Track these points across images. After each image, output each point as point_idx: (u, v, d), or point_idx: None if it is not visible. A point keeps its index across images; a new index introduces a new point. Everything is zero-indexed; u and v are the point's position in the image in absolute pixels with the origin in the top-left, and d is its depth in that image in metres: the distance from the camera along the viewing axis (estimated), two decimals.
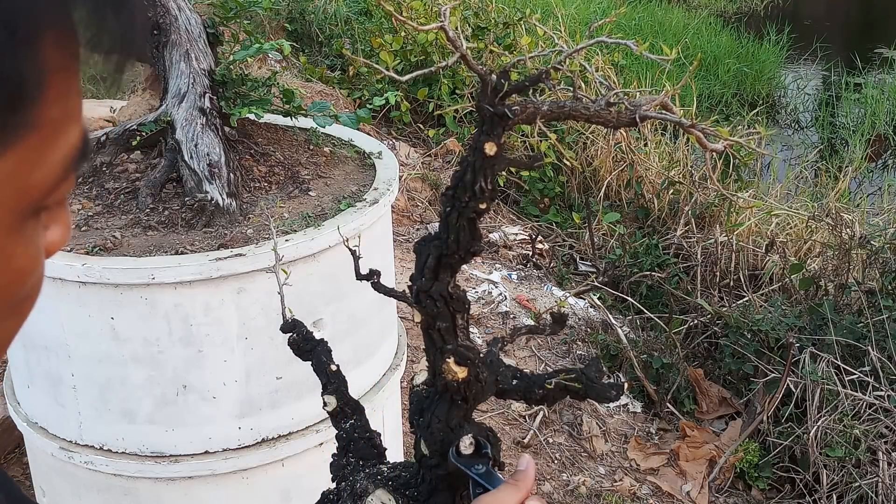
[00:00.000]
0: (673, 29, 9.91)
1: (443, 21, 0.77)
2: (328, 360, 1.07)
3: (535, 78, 0.76)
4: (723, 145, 0.82)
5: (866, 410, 3.24)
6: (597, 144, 5.78)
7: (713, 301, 4.38)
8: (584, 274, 4.95)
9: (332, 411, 1.05)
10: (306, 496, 1.83)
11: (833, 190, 5.64)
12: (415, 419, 0.89)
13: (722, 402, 3.84)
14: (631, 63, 7.11)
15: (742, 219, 4.93)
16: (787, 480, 3.39)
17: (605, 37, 1.12)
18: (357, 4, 7.76)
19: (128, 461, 1.93)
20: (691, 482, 3.36)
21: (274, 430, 1.97)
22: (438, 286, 0.82)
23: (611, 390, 0.87)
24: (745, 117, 7.30)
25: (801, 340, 3.55)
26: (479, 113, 0.76)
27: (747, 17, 12.32)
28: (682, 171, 5.37)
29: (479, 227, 0.80)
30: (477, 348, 0.85)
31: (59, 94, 0.38)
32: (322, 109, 2.25)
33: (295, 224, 1.96)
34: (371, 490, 0.93)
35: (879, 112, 8.12)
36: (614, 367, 3.89)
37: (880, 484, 3.06)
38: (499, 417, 3.54)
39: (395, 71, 5.64)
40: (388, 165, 2.29)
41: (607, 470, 3.40)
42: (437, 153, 5.84)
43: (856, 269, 4.06)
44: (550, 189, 5.68)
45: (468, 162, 0.76)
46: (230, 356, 1.87)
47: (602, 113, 0.79)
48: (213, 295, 1.82)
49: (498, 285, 4.35)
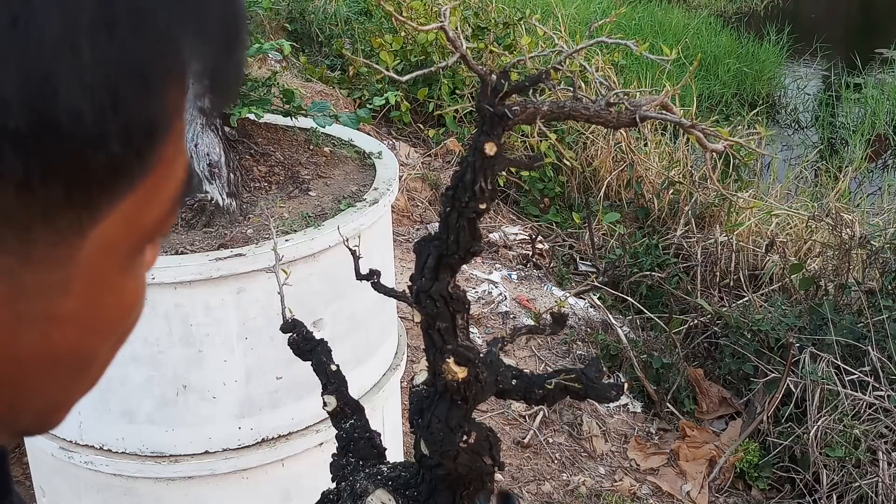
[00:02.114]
0: (673, 29, 9.91)
1: (443, 21, 0.77)
2: (328, 360, 1.07)
3: (535, 78, 0.76)
4: (723, 145, 0.82)
5: (866, 410, 3.24)
6: (597, 144, 5.78)
7: (713, 301, 4.38)
8: (584, 274, 4.95)
9: (332, 411, 1.05)
10: (306, 496, 1.83)
11: (833, 190, 5.64)
12: (415, 419, 0.89)
13: (722, 402, 3.84)
14: (631, 63, 7.11)
15: (742, 219, 4.93)
16: (787, 480, 3.39)
17: (605, 37, 1.12)
18: (357, 4, 7.76)
19: (128, 461, 1.93)
20: (691, 482, 3.37)
21: (274, 430, 1.97)
22: (438, 286, 0.82)
23: (611, 390, 0.87)
24: (745, 117, 7.30)
25: (801, 340, 3.55)
26: (479, 113, 0.76)
27: (747, 17, 12.32)
28: (682, 171, 5.37)
29: (479, 227, 0.80)
30: (477, 348, 0.85)
31: (176, 133, 0.39)
32: (322, 109, 2.25)
33: (295, 224, 1.96)
34: (371, 490, 0.93)
35: (879, 112, 8.12)
36: (614, 367, 3.89)
37: (880, 484, 3.06)
38: (499, 417, 3.54)
39: (395, 71, 5.63)
40: (388, 165, 2.29)
41: (607, 470, 3.40)
42: (437, 153, 5.84)
43: (856, 269, 4.06)
44: (550, 189, 5.68)
45: (468, 162, 0.76)
46: (230, 356, 1.87)
47: (602, 113, 0.79)
48: (213, 295, 1.82)
49: (498, 285, 4.36)
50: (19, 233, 0.35)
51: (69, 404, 0.45)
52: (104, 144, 0.34)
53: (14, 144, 0.32)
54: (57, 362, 0.41)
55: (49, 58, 0.32)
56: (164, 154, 0.38)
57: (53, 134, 0.33)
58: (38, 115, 0.32)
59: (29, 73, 0.32)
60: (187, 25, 0.36)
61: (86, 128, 0.34)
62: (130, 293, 0.43)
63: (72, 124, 0.33)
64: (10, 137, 0.32)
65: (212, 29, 0.38)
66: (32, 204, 0.34)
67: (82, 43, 0.33)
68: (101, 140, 0.34)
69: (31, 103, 0.32)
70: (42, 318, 0.38)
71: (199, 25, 0.37)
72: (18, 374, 0.39)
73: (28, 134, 0.32)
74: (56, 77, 0.32)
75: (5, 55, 0.32)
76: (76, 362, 0.43)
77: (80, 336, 0.41)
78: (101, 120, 0.34)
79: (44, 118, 0.33)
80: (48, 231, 0.36)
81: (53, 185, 0.34)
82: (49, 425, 0.45)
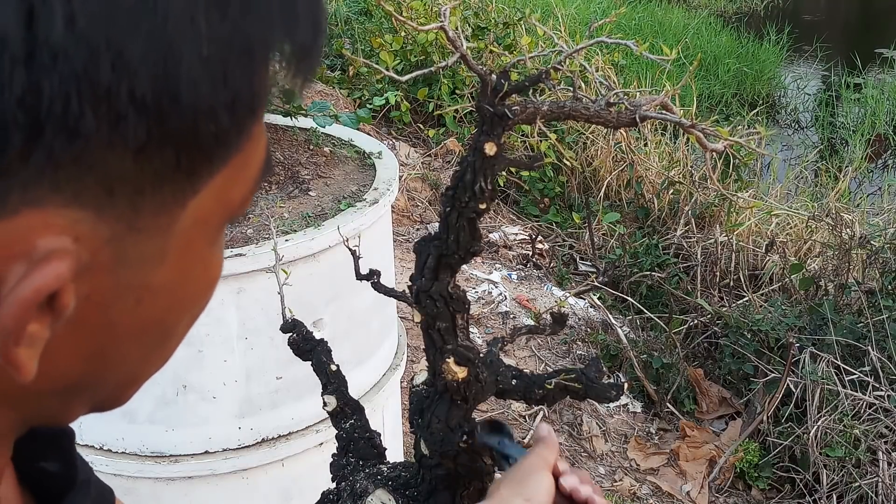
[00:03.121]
0: (673, 29, 9.91)
1: (443, 21, 0.77)
2: (328, 360, 1.07)
3: (535, 78, 0.76)
4: (723, 145, 0.82)
5: (866, 410, 3.24)
6: (597, 144, 5.78)
7: (713, 301, 4.38)
8: (584, 274, 4.95)
9: (332, 411, 1.05)
10: (306, 496, 1.83)
11: (833, 190, 5.64)
12: (415, 419, 0.89)
13: (722, 402, 3.84)
14: (631, 63, 7.11)
15: (742, 219, 4.93)
16: (787, 480, 3.39)
17: (605, 37, 1.12)
18: (357, 4, 7.76)
19: (128, 461, 1.93)
20: (691, 482, 3.37)
21: (274, 430, 1.97)
22: (438, 286, 0.82)
23: (611, 390, 0.87)
24: (745, 117, 7.30)
25: (801, 340, 3.55)
26: (479, 113, 0.76)
27: (747, 17, 12.32)
28: (682, 171, 5.36)
29: (479, 227, 0.80)
30: (477, 348, 0.85)
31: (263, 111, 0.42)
32: (322, 109, 2.25)
33: (295, 224, 1.96)
34: (371, 490, 0.93)
35: (879, 112, 8.12)
36: (614, 367, 3.89)
37: (880, 484, 3.06)
38: (499, 417, 3.54)
39: (395, 71, 5.63)
40: (388, 165, 2.29)
41: (607, 470, 3.40)
42: (437, 153, 5.84)
43: (856, 269, 4.06)
44: (550, 189, 5.68)
45: (468, 162, 0.76)
46: (230, 356, 1.87)
47: (602, 113, 0.79)
48: (212, 295, 1.81)
49: (498, 285, 4.36)
50: (132, 197, 0.36)
51: (144, 378, 0.47)
52: (214, 115, 0.37)
53: (139, 110, 0.34)
54: (144, 332, 0.42)
55: (172, 31, 0.34)
56: (254, 131, 0.41)
57: (174, 102, 0.35)
58: (162, 84, 0.34)
59: (155, 45, 0.34)
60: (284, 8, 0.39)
61: (201, 98, 0.36)
62: (215, 267, 0.46)
63: (190, 94, 0.35)
64: (135, 104, 0.34)
65: (303, 13, 0.40)
66: (147, 169, 0.36)
67: (200, 19, 0.35)
68: (213, 111, 0.37)
69: (156, 72, 0.34)
70: (138, 287, 0.40)
71: (293, 9, 0.40)
72: (110, 341, 0.41)
73: (152, 101, 0.34)
74: (178, 49, 0.34)
75: (135, 27, 0.33)
76: (161, 333, 0.45)
77: (169, 306, 0.43)
78: (214, 92, 0.36)
79: (167, 87, 0.35)
80: (155, 199, 0.37)
81: (167, 151, 0.36)
82: (122, 400, 0.47)
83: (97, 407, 0.46)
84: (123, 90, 0.34)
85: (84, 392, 0.43)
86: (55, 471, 0.49)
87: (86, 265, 0.36)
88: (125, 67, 0.33)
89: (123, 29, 0.33)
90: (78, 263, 0.36)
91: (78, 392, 0.42)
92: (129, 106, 0.34)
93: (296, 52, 0.40)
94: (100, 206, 0.36)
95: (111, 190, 0.36)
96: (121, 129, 0.34)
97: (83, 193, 0.35)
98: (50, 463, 0.49)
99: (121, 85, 0.33)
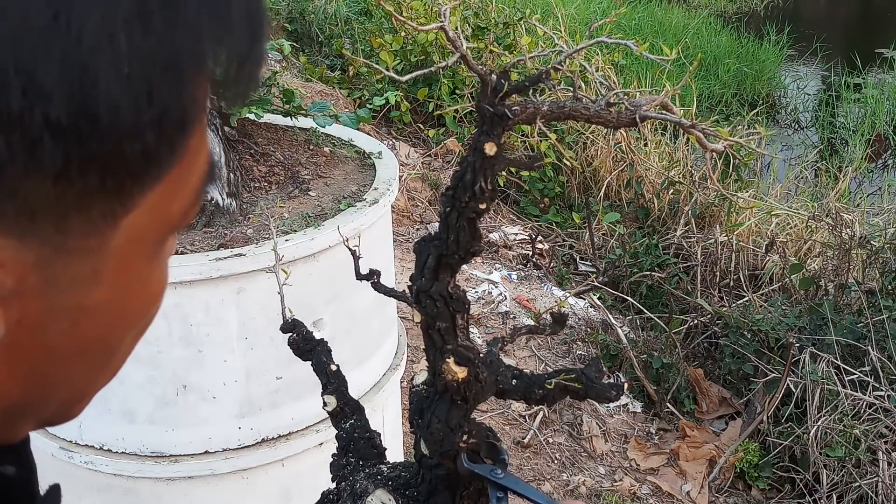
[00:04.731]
0: (673, 29, 9.91)
1: (443, 21, 0.77)
2: (328, 360, 1.07)
3: (535, 78, 0.76)
4: (723, 145, 0.81)
5: (866, 410, 3.24)
6: (597, 144, 5.78)
7: (713, 301, 4.38)
8: (584, 274, 4.95)
9: (332, 411, 1.05)
10: (306, 496, 1.83)
11: (833, 190, 5.64)
12: (415, 419, 0.89)
13: (722, 402, 3.84)
14: (631, 63, 7.11)
15: (742, 219, 4.93)
16: (787, 480, 3.39)
17: (605, 37, 1.12)
18: (357, 4, 7.76)
19: (128, 461, 1.93)
20: (691, 482, 3.37)
21: (274, 430, 1.97)
22: (438, 286, 0.82)
23: (611, 390, 0.87)
24: (745, 117, 7.30)
25: (801, 340, 3.55)
26: (479, 113, 0.76)
27: (747, 17, 12.32)
28: (682, 171, 5.36)
29: (479, 227, 0.80)
30: (477, 348, 0.85)
31: (201, 124, 0.40)
32: (322, 109, 2.25)
33: (295, 224, 1.96)
34: (371, 490, 0.93)
35: (879, 112, 8.12)
36: (614, 367, 3.89)
37: (880, 484, 3.06)
38: (499, 417, 3.54)
39: (395, 71, 5.63)
40: (388, 165, 2.29)
41: (607, 470, 3.40)
42: (437, 153, 5.84)
43: (856, 269, 4.06)
44: (550, 189, 5.68)
45: (468, 162, 0.76)
46: (230, 356, 1.87)
47: (602, 113, 0.79)
48: (213, 295, 1.82)
49: (498, 285, 4.35)
50: (56, 221, 0.35)
51: (91, 394, 0.46)
52: (140, 134, 0.35)
53: (54, 135, 0.33)
54: (85, 352, 0.42)
55: (88, 50, 0.33)
56: (190, 145, 0.39)
57: (93, 124, 0.34)
58: (79, 106, 0.33)
59: (70, 66, 0.32)
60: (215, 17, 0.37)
61: (123, 118, 0.34)
62: (156, 283, 0.45)
63: (110, 115, 0.34)
64: (51, 129, 0.33)
65: (237, 20, 0.38)
66: (69, 193, 0.35)
67: (120, 35, 0.33)
68: (137, 130, 0.35)
69: (71, 95, 0.33)
70: (73, 309, 0.39)
71: (225, 17, 0.38)
72: (48, 363, 0.40)
73: (68, 125, 0.33)
74: (95, 69, 0.33)
75: (47, 48, 0.32)
76: (102, 352, 0.43)
77: (108, 325, 0.42)
78: (138, 110, 0.35)
79: (84, 109, 0.33)
80: (82, 221, 0.36)
81: (90, 175, 0.35)
82: (71, 415, 0.46)
83: (45, 423, 0.45)
84: (37, 115, 0.32)
85: (27, 411, 0.42)
86: (12, 475, 0.47)
87: (12, 290, 0.36)
88: (37, 91, 0.32)
89: (34, 51, 0.32)
90: (1, 289, 0.35)
91: (20, 412, 0.42)
92: (43, 131, 0.32)
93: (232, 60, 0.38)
94: (22, 233, 0.35)
95: (33, 216, 0.34)
96: (37, 156, 0.33)
97: (3, 221, 0.34)
98: (6, 467, 0.47)
99: (34, 110, 0.32)
